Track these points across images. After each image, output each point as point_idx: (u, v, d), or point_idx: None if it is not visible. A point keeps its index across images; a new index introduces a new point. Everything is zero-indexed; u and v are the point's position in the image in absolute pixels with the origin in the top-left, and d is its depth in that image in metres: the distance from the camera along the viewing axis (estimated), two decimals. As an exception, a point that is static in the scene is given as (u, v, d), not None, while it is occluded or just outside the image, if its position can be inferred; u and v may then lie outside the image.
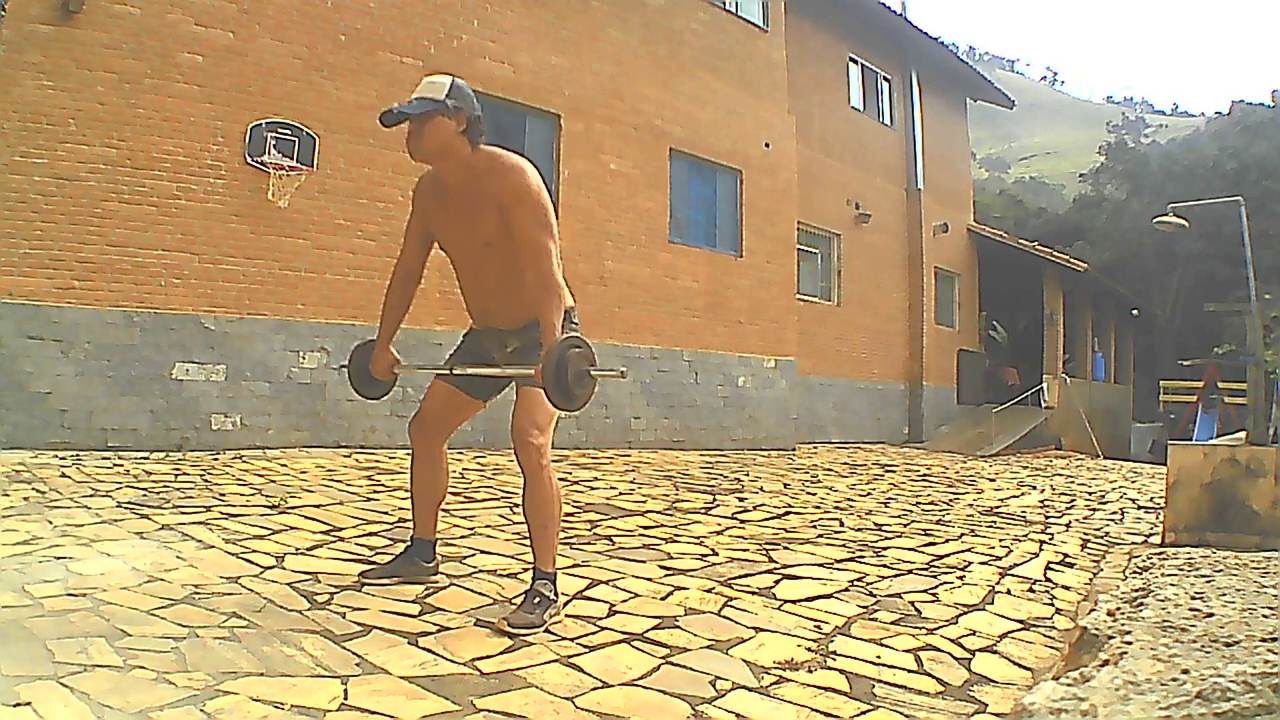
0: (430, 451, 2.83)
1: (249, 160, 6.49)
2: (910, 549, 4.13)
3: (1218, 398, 19.06)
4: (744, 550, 3.84)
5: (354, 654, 2.17)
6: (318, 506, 4.18)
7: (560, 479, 2.76)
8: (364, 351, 2.87)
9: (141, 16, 6.10)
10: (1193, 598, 2.48)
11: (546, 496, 2.58)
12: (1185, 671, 1.54)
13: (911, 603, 3.07)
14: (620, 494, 5.41)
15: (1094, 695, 1.44)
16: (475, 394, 2.81)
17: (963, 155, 17.56)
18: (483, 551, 3.45)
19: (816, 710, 2.03)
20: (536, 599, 2.51)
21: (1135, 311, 21.13)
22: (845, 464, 9.17)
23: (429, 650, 2.24)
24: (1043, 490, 7.57)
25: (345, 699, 1.89)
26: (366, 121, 7.11)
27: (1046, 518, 5.64)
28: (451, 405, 2.81)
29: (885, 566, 3.68)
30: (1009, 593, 3.32)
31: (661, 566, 3.40)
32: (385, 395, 2.95)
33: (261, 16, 6.65)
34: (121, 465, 5.19)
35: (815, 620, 2.77)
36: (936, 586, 3.34)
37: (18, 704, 1.68)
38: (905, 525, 4.92)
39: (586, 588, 2.98)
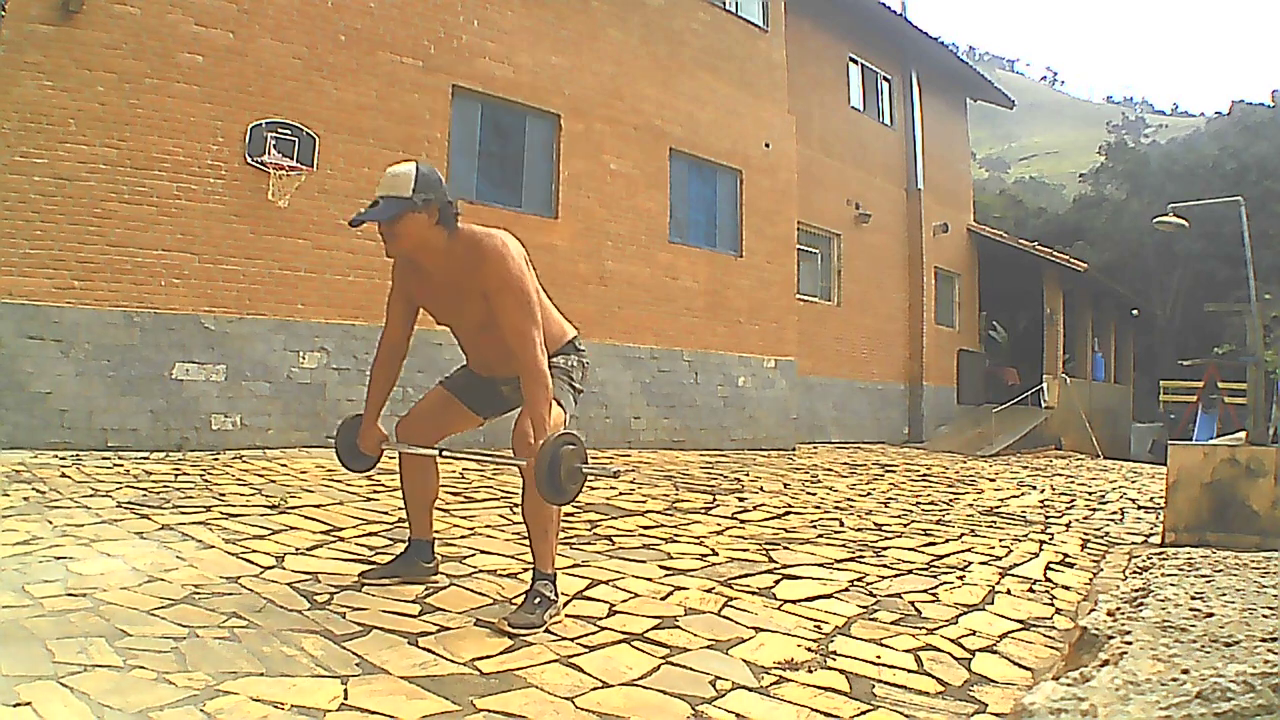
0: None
1: (249, 160, 6.49)
2: (910, 549, 4.13)
3: (1218, 398, 19.06)
4: (744, 550, 3.84)
5: (354, 654, 2.17)
6: (318, 506, 4.18)
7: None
8: (352, 426, 2.83)
9: (141, 16, 6.11)
10: (1193, 598, 2.48)
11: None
12: (1185, 671, 1.54)
13: (911, 603, 3.07)
14: (620, 494, 5.41)
15: (1094, 695, 1.44)
16: (477, 409, 2.83)
17: (963, 155, 17.56)
18: (483, 551, 3.45)
19: (816, 710, 2.03)
20: (537, 599, 2.51)
21: (1135, 311, 21.13)
22: (845, 464, 9.17)
23: (429, 650, 2.24)
24: (1043, 490, 7.57)
25: (345, 699, 1.89)
26: (366, 121, 7.13)
27: (1046, 518, 5.64)
28: (447, 412, 2.80)
29: (885, 566, 3.68)
30: (1009, 593, 3.32)
31: (661, 566, 3.39)
32: (372, 469, 2.91)
33: (261, 16, 6.66)
34: (121, 465, 5.19)
35: (815, 620, 2.77)
36: (936, 586, 3.34)
37: (18, 704, 1.68)
38: (905, 525, 4.92)
39: (586, 588, 2.98)
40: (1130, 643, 1.84)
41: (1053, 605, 3.18)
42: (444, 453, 2.71)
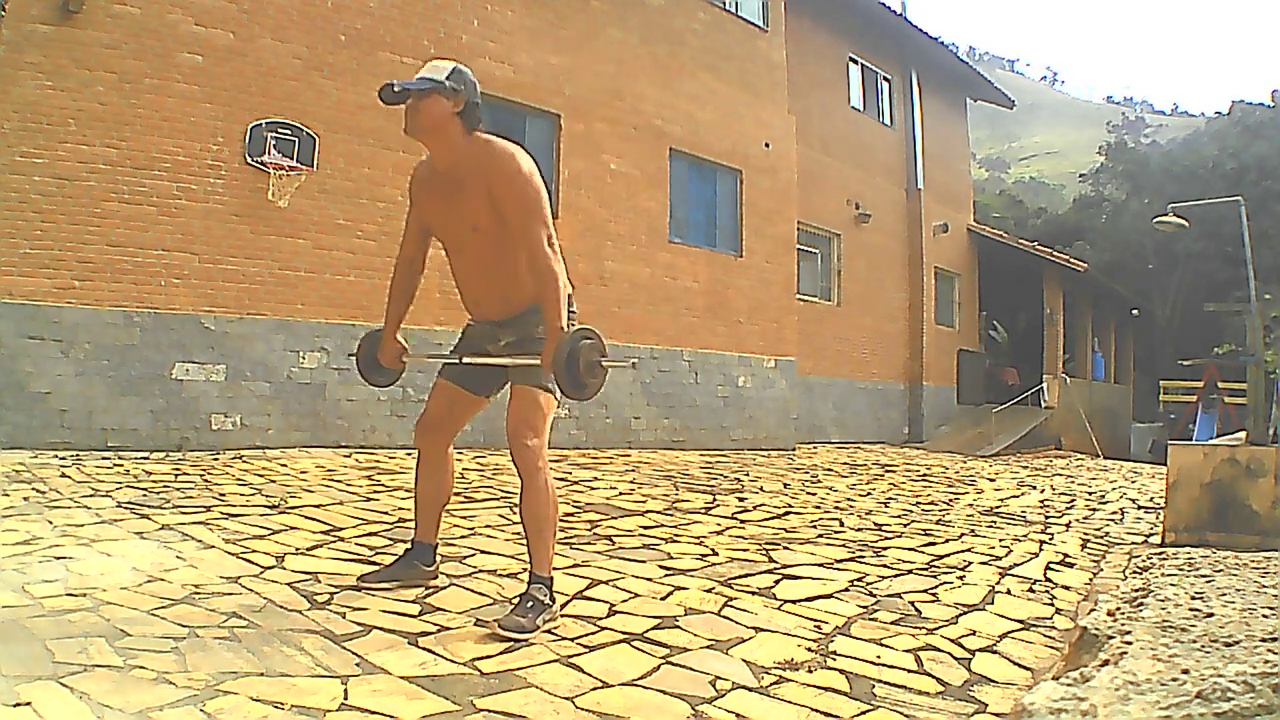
0: (436, 453, 2.80)
1: (249, 160, 6.49)
2: (910, 549, 4.13)
3: (1218, 398, 19.04)
4: (744, 550, 3.84)
5: (354, 654, 2.17)
6: (318, 506, 4.18)
7: (560, 479, 2.77)
8: (372, 340, 2.90)
9: (141, 16, 6.10)
10: (1193, 598, 2.48)
11: (543, 499, 2.56)
12: (1185, 671, 1.54)
13: (911, 603, 3.07)
14: (620, 494, 5.41)
15: (1094, 695, 1.44)
16: (477, 391, 2.76)
17: (963, 155, 17.56)
18: (483, 551, 3.45)
19: (816, 710, 2.03)
20: (530, 603, 2.48)
21: (1135, 311, 21.12)
22: (845, 464, 9.17)
23: (429, 650, 2.24)
24: (1043, 490, 7.57)
25: (345, 699, 1.89)
26: (366, 121, 7.12)
27: (1046, 518, 5.64)
28: (457, 404, 2.77)
29: (885, 566, 3.68)
30: (1009, 593, 3.32)
31: (661, 566, 3.40)
32: (393, 384, 2.99)
33: (261, 16, 6.65)
34: (121, 465, 5.19)
35: (815, 620, 2.77)
36: (936, 586, 3.34)
37: (18, 704, 1.68)
38: (905, 525, 4.92)
39: (586, 588, 2.98)
40: (1130, 643, 1.84)
41: (1053, 605, 3.18)
42: (464, 360, 2.65)
